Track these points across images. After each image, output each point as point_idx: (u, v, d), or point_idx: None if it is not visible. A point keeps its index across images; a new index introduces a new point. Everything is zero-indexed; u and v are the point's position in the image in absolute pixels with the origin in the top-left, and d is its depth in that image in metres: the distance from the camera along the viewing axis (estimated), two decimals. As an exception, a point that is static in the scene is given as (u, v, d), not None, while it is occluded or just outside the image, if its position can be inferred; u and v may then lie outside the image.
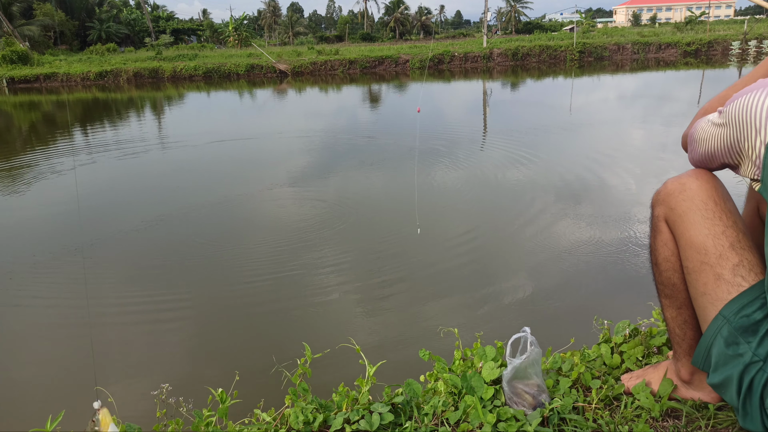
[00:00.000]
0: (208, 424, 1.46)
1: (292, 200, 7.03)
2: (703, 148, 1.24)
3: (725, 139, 1.16)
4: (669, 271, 1.33)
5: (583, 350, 1.77)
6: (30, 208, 7.28)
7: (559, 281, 4.35)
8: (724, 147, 1.17)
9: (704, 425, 1.38)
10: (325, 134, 11.90)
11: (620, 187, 6.75)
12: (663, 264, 1.34)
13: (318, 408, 1.51)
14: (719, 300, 1.19)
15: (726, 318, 1.17)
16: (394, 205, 6.64)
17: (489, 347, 1.68)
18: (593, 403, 1.49)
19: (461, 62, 29.40)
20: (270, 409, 1.57)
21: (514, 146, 9.43)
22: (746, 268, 1.17)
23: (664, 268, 1.34)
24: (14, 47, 29.76)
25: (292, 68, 28.15)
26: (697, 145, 1.26)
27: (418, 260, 4.91)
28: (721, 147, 1.18)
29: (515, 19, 63.26)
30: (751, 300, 1.15)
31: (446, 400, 1.53)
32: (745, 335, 1.14)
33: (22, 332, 4.06)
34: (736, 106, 1.11)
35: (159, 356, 3.67)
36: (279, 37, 64.56)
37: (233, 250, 5.36)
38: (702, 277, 1.22)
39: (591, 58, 28.62)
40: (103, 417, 1.22)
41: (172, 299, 4.41)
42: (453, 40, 44.87)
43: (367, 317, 3.97)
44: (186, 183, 8.24)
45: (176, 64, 28.57)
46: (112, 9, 49.27)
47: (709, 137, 1.21)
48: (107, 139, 12.45)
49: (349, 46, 41.67)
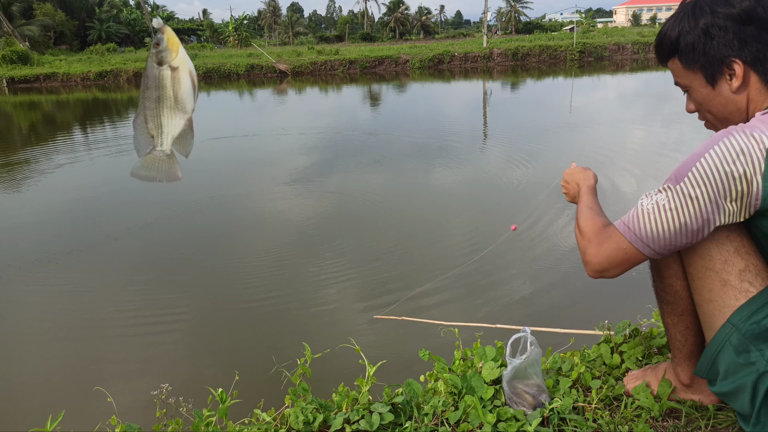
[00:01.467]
0: (208, 424, 1.46)
1: (292, 199, 7.03)
2: (668, 231, 1.11)
3: (701, 205, 1.06)
4: (671, 278, 1.29)
5: (583, 350, 1.77)
6: (30, 208, 7.27)
7: (559, 281, 4.35)
8: (700, 213, 1.06)
9: (704, 425, 1.38)
10: (326, 132, 11.90)
11: (620, 187, 6.75)
12: (665, 270, 1.29)
13: (318, 408, 1.51)
14: (727, 307, 1.15)
15: (735, 325, 1.13)
16: (394, 205, 6.64)
17: (489, 347, 1.68)
18: (593, 403, 1.49)
19: (461, 62, 29.40)
20: (270, 409, 1.57)
21: (515, 146, 9.44)
22: (753, 273, 1.14)
23: (666, 275, 1.30)
24: (14, 47, 29.74)
25: (292, 68, 28.14)
26: (659, 234, 1.12)
27: (417, 260, 4.91)
28: (696, 214, 1.07)
29: (515, 19, 63.26)
30: (761, 306, 1.11)
31: (446, 400, 1.53)
32: (756, 343, 1.10)
33: (21, 332, 4.06)
34: (706, 166, 1.03)
35: (159, 356, 3.67)
36: (279, 37, 64.57)
37: (233, 250, 5.36)
38: (707, 284, 1.18)
39: (591, 58, 28.61)
40: (169, 37, 0.93)
41: (172, 299, 4.41)
42: (453, 40, 44.88)
43: (368, 317, 3.97)
44: (187, 182, 8.23)
45: (176, 64, 28.51)
46: (112, 9, 49.25)
47: (672, 217, 1.09)
48: (120, 135, 12.45)
49: (349, 46, 41.67)
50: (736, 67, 1.10)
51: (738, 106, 1.13)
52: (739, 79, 1.11)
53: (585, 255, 1.23)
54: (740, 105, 1.13)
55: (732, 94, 1.13)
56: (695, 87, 1.19)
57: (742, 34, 1.07)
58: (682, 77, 1.20)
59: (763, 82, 1.10)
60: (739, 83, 1.11)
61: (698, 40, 1.12)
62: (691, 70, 1.17)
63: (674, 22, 1.18)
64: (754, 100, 1.11)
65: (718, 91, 1.15)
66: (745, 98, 1.12)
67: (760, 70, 1.09)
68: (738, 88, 1.12)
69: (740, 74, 1.10)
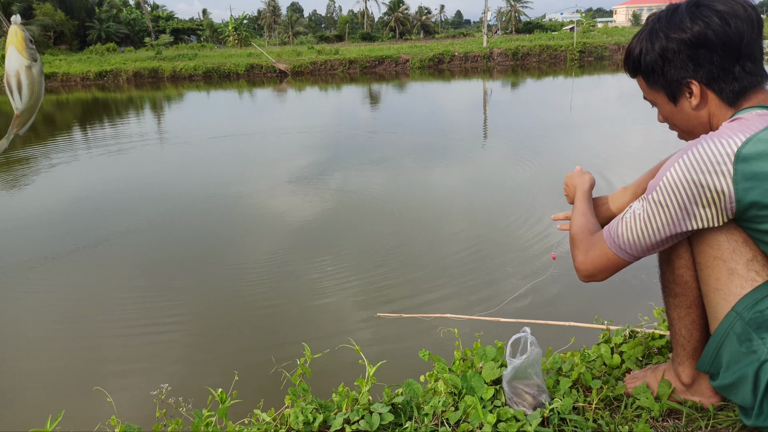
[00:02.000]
0: (207, 424, 1.45)
1: (292, 198, 7.03)
2: (642, 237, 1.19)
3: (671, 213, 1.13)
4: (681, 268, 1.30)
5: (583, 350, 1.77)
6: (30, 207, 7.27)
7: (559, 281, 4.35)
8: (670, 219, 1.14)
9: (704, 425, 1.38)
10: (326, 132, 11.90)
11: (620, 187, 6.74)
12: (676, 261, 1.31)
13: (318, 408, 1.51)
14: (732, 295, 1.16)
15: (739, 314, 1.15)
16: (394, 205, 6.64)
17: (489, 347, 1.68)
18: (593, 404, 1.49)
19: (461, 62, 29.40)
20: (270, 409, 1.57)
21: (515, 145, 9.44)
22: (760, 263, 1.15)
23: (677, 265, 1.31)
24: (14, 47, 29.70)
25: (291, 68, 28.14)
26: (635, 241, 1.21)
27: (418, 260, 4.91)
28: (666, 221, 1.15)
29: (515, 18, 63.27)
30: (766, 295, 1.13)
31: (446, 401, 1.53)
32: (759, 331, 1.11)
33: (21, 332, 4.06)
34: (675, 176, 1.10)
35: (159, 356, 3.67)
36: (279, 36, 64.56)
37: (233, 249, 5.36)
38: (715, 273, 1.20)
39: (591, 57, 28.62)
40: (14, 30, 1.09)
41: (172, 298, 4.41)
42: (453, 39, 44.88)
43: (367, 317, 3.97)
44: (187, 181, 8.24)
45: (176, 64, 28.56)
46: (112, 9, 49.19)
47: (645, 225, 1.18)
48: (133, 132, 12.46)
49: (349, 45, 41.66)
50: (693, 87, 1.17)
51: (701, 121, 1.21)
52: (698, 98, 1.18)
53: (574, 261, 1.33)
54: (702, 120, 1.20)
55: (693, 111, 1.21)
56: (660, 103, 1.27)
57: (695, 57, 1.15)
58: (648, 94, 1.29)
59: (720, 99, 1.17)
60: (697, 101, 1.18)
61: (656, 62, 1.20)
62: (654, 89, 1.26)
63: (637, 41, 1.26)
64: (716, 115, 1.18)
65: (680, 108, 1.22)
66: (707, 113, 1.19)
67: (716, 88, 1.16)
68: (697, 106, 1.19)
69: (698, 93, 1.17)
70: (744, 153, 1.03)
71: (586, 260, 1.30)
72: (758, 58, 1.15)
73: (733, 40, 1.12)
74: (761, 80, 1.15)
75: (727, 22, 1.12)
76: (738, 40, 1.12)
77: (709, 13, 1.13)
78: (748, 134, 1.05)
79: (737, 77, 1.14)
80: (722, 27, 1.12)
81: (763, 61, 1.16)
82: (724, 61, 1.14)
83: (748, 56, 1.13)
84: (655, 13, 1.24)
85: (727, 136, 1.07)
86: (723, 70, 1.14)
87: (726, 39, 1.12)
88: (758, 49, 1.15)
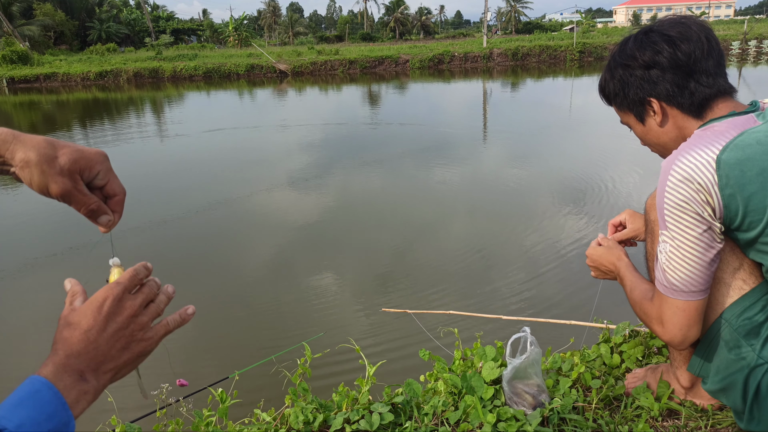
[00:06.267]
0: (208, 424, 1.46)
1: (292, 198, 7.03)
2: (693, 270, 1.12)
3: (694, 234, 1.10)
4: None
5: (583, 350, 1.77)
6: (30, 206, 7.28)
7: (559, 281, 4.35)
8: (700, 239, 1.10)
9: (704, 425, 1.38)
10: (326, 132, 11.90)
11: (622, 187, 6.75)
12: None
13: (318, 408, 1.51)
14: (719, 304, 1.18)
15: (727, 321, 1.16)
16: (394, 204, 6.64)
17: (489, 347, 1.68)
18: (593, 403, 1.49)
19: (461, 62, 29.41)
20: (270, 409, 1.57)
21: (515, 145, 9.43)
22: (747, 272, 1.16)
23: None
24: (14, 47, 29.77)
25: (292, 68, 28.16)
26: (690, 277, 1.13)
27: (418, 260, 4.91)
28: (699, 243, 1.11)
29: (515, 19, 63.30)
30: (754, 302, 1.14)
31: (446, 400, 1.53)
32: (747, 338, 1.12)
33: (21, 332, 4.06)
34: (672, 201, 1.10)
35: (159, 356, 3.65)
36: (279, 37, 64.58)
37: (234, 248, 5.36)
38: None
39: (591, 58, 28.62)
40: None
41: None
42: (453, 40, 44.89)
43: (368, 317, 3.97)
44: (188, 180, 8.24)
45: (176, 64, 28.58)
46: (112, 9, 49.27)
47: (686, 259, 1.12)
48: (120, 133, 12.46)
49: (349, 46, 41.68)
50: (654, 104, 1.23)
51: (670, 136, 1.25)
52: (660, 115, 1.23)
53: (659, 336, 1.24)
54: (671, 135, 1.24)
55: (659, 128, 1.25)
56: (632, 125, 1.33)
57: (648, 78, 1.21)
58: (622, 117, 1.35)
59: (683, 112, 1.20)
60: (660, 118, 1.23)
61: (618, 88, 1.29)
62: (624, 112, 1.32)
63: (603, 74, 1.35)
64: (685, 127, 1.21)
65: (649, 126, 1.27)
66: (674, 128, 1.23)
67: (676, 103, 1.20)
68: (662, 122, 1.24)
69: (659, 110, 1.22)
70: (724, 159, 1.04)
71: (669, 330, 1.19)
72: (713, 72, 1.16)
73: (683, 61, 1.16)
74: (723, 91, 1.17)
75: (676, 46, 1.16)
76: (687, 60, 1.16)
77: (657, 39, 1.19)
78: (724, 142, 1.06)
79: (693, 92, 1.17)
80: (671, 52, 1.16)
81: (721, 74, 1.18)
82: (677, 78, 1.18)
83: (702, 72, 1.16)
84: (614, 46, 1.32)
85: (702, 145, 1.08)
86: (678, 87, 1.18)
87: (675, 61, 1.16)
88: (712, 64, 1.16)
